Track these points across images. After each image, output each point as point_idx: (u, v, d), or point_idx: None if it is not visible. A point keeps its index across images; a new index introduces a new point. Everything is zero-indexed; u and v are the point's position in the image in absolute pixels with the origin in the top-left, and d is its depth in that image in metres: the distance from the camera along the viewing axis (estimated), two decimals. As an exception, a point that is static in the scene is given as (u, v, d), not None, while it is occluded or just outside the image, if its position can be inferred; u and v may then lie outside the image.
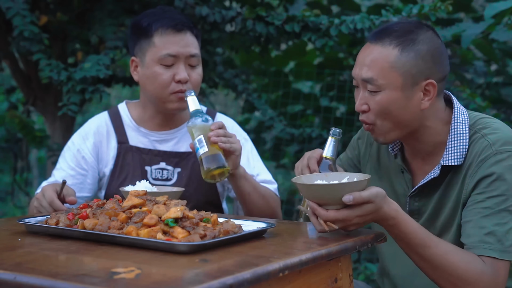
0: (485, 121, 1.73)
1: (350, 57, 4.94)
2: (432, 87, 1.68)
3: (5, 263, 1.23)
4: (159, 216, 1.42)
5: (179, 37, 2.12)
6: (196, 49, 2.15)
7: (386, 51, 1.67)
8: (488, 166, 1.63)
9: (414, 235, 1.56)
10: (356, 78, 1.73)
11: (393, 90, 1.67)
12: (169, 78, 2.11)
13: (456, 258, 1.57)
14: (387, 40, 1.68)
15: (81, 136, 2.26)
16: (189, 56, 2.13)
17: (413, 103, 1.68)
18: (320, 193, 1.50)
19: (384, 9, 3.28)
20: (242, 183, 2.06)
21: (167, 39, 2.11)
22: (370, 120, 1.72)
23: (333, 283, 1.47)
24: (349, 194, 1.47)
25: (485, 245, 1.58)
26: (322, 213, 1.51)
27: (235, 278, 1.13)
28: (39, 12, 3.54)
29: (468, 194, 1.66)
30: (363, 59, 1.71)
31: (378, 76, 1.67)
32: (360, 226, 1.56)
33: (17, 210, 5.68)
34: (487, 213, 1.60)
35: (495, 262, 1.57)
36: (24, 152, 5.21)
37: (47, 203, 1.84)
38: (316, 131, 4.29)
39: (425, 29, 1.70)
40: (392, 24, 1.74)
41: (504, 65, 4.88)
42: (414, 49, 1.66)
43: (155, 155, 2.20)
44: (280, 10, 4.49)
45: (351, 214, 1.49)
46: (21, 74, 3.92)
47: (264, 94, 5.05)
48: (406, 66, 1.66)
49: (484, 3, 5.13)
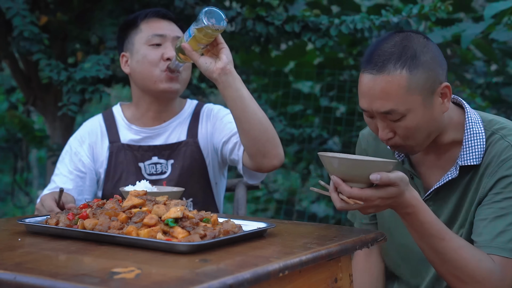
0: (499, 121, 1.73)
1: (350, 57, 4.94)
2: (447, 88, 1.66)
3: (5, 263, 1.23)
4: (159, 216, 1.42)
5: (164, 22, 2.24)
6: (180, 34, 2.21)
7: (396, 78, 1.59)
8: (508, 167, 1.63)
9: (430, 226, 1.55)
10: (369, 111, 1.65)
11: (416, 110, 1.61)
12: (158, 56, 2.18)
13: (468, 254, 1.57)
14: (390, 66, 1.60)
15: (77, 139, 2.29)
16: (175, 38, 2.20)
17: (436, 110, 1.65)
18: (349, 168, 1.46)
19: (384, 9, 3.29)
20: (237, 85, 1.95)
21: (152, 24, 2.23)
22: (399, 143, 1.67)
23: (333, 283, 1.47)
24: (377, 173, 1.45)
25: (496, 244, 1.58)
26: (345, 189, 1.47)
27: (235, 278, 1.13)
28: (39, 12, 3.54)
29: (485, 193, 1.66)
30: (371, 92, 1.62)
31: (398, 105, 1.60)
32: (379, 210, 1.53)
33: (17, 210, 5.68)
34: (502, 213, 1.61)
35: (505, 261, 1.57)
36: (24, 152, 5.22)
37: (47, 211, 1.86)
38: (316, 131, 4.29)
39: (414, 37, 1.65)
40: (379, 46, 1.64)
41: (504, 65, 4.89)
42: (420, 64, 1.60)
43: (145, 150, 2.22)
44: (280, 10, 4.49)
45: (374, 194, 1.47)
46: (21, 74, 3.92)
47: (264, 94, 5.05)
48: (420, 83, 1.60)
49: (484, 3, 5.13)
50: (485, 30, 3.76)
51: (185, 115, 2.31)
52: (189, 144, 2.25)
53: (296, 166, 5.18)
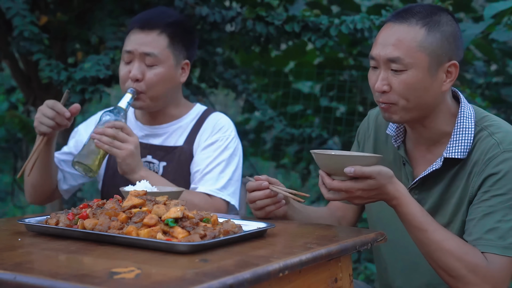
0: (491, 118, 1.74)
1: (350, 57, 4.94)
2: (455, 68, 1.70)
3: (5, 263, 1.23)
4: (159, 216, 1.42)
5: (141, 35, 2.16)
6: (155, 48, 2.14)
7: (413, 31, 1.67)
8: (495, 165, 1.64)
9: (413, 218, 1.61)
10: (376, 58, 1.71)
11: (419, 70, 1.66)
12: (126, 74, 2.16)
13: (451, 246, 1.58)
14: (413, 20, 1.68)
15: (85, 123, 2.36)
16: (143, 54, 2.14)
17: (436, 84, 1.69)
18: (327, 162, 1.61)
19: (384, 9, 3.29)
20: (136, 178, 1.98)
21: (130, 36, 2.18)
22: (390, 100, 1.70)
23: (333, 283, 1.47)
24: (351, 167, 1.55)
25: (485, 242, 1.59)
26: (327, 181, 1.60)
27: (235, 278, 1.13)
28: (39, 12, 3.54)
29: (474, 192, 1.67)
30: (387, 38, 1.69)
31: (406, 55, 1.66)
32: (365, 201, 1.63)
33: (17, 210, 5.67)
34: (490, 211, 1.61)
35: (497, 258, 1.57)
36: (24, 152, 5.21)
37: (49, 107, 1.92)
38: (316, 131, 4.29)
39: (446, 12, 1.72)
40: (412, 5, 1.73)
41: (504, 65, 4.88)
42: (440, 30, 1.68)
43: (143, 147, 2.21)
44: (280, 10, 4.49)
45: (354, 186, 1.57)
46: (21, 74, 3.92)
47: (264, 94, 5.05)
48: (433, 46, 1.66)
49: (484, 3, 5.13)
50: (485, 30, 3.75)
51: (188, 120, 2.28)
52: (184, 150, 2.23)
53: (296, 166, 5.17)
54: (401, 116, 1.71)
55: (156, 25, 2.16)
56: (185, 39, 2.23)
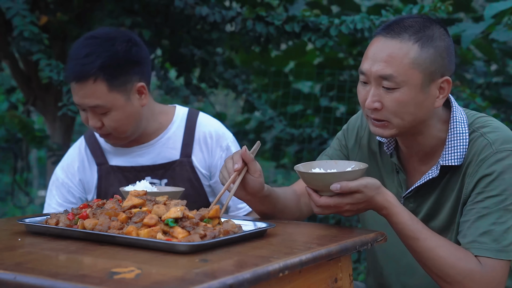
0: (483, 119, 1.71)
1: (350, 57, 4.94)
2: (447, 84, 1.65)
3: (5, 263, 1.23)
4: (159, 216, 1.42)
5: (78, 87, 1.99)
6: (97, 99, 1.98)
7: (406, 47, 1.60)
8: (488, 166, 1.62)
9: (403, 227, 1.60)
10: (367, 74, 1.63)
11: (412, 87, 1.61)
12: (86, 120, 2.05)
13: (444, 253, 1.57)
14: (406, 35, 1.61)
15: (63, 169, 2.19)
16: (93, 107, 2.00)
17: (429, 100, 1.64)
18: (312, 181, 1.59)
19: (384, 9, 3.29)
20: None
21: (72, 88, 2.03)
22: (383, 118, 1.65)
23: (333, 283, 1.47)
24: (337, 183, 1.54)
25: (479, 245, 1.57)
26: (315, 199, 1.59)
27: (235, 278, 1.13)
28: (39, 12, 3.54)
29: (468, 193, 1.65)
30: (378, 53, 1.62)
31: (398, 73, 1.60)
32: (355, 213, 1.62)
33: (17, 210, 5.68)
34: (485, 212, 1.60)
35: (492, 262, 1.56)
36: (24, 152, 5.21)
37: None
38: (316, 131, 4.29)
39: (438, 25, 1.67)
40: (403, 18, 1.67)
41: (504, 65, 4.89)
42: (433, 45, 1.62)
43: (138, 171, 2.13)
44: (280, 10, 4.50)
45: (341, 201, 1.56)
46: (21, 74, 3.93)
47: (264, 94, 5.06)
48: (426, 63, 1.61)
49: (484, 3, 5.13)
50: (485, 30, 3.76)
51: (174, 128, 2.18)
52: (183, 164, 2.15)
53: (296, 166, 5.18)
54: (392, 133, 1.68)
55: (87, 74, 1.96)
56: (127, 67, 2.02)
